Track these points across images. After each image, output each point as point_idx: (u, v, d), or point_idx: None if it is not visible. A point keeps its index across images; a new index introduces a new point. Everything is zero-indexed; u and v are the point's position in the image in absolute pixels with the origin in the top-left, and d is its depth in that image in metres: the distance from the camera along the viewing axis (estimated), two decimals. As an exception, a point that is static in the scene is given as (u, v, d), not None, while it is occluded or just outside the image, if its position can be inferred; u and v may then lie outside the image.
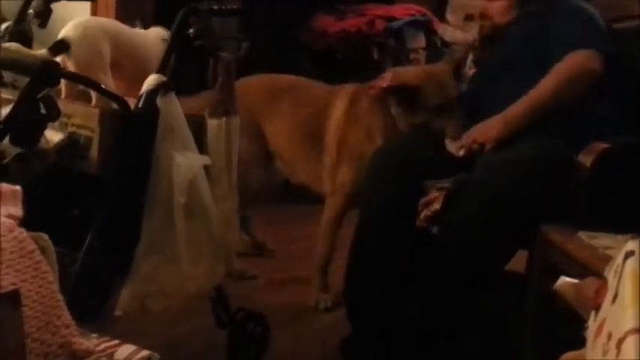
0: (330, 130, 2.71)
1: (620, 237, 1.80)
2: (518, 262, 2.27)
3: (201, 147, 2.07)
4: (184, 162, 1.97)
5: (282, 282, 3.02)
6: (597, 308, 1.25)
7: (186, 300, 2.06)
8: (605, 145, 2.11)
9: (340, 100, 2.73)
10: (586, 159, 2.08)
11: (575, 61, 2.27)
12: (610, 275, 1.23)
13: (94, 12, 3.21)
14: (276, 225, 3.48)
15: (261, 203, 3.08)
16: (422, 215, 2.18)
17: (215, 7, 2.11)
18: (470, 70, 4.75)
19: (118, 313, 1.91)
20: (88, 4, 3.09)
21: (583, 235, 1.90)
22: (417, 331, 2.23)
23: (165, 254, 1.95)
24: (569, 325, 1.36)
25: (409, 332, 2.24)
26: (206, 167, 2.04)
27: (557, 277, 1.43)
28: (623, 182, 2.12)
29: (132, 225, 1.90)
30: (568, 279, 1.41)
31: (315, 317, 2.72)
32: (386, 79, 2.54)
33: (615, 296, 1.18)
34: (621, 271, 1.18)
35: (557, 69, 2.27)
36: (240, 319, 2.27)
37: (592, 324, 1.25)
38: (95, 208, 1.86)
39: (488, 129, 2.28)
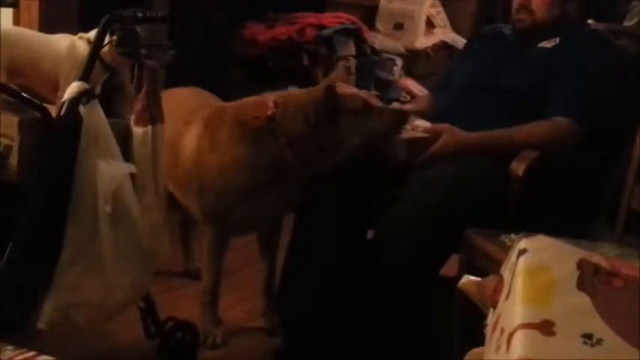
0: (187, 159, 2.44)
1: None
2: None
3: (127, 155, 2.04)
4: (109, 170, 1.95)
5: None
6: (495, 305, 1.27)
7: (112, 311, 2.03)
8: (536, 154, 2.16)
9: (195, 126, 2.45)
10: (518, 167, 2.14)
11: (553, 133, 2.26)
12: (506, 273, 1.26)
13: (17, 22, 3.14)
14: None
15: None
16: None
17: (140, 15, 2.09)
18: (402, 80, 4.83)
19: (40, 326, 1.86)
20: (10, 14, 3.03)
21: (505, 238, 1.95)
22: (354, 339, 2.24)
23: (90, 264, 1.92)
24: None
25: (345, 341, 2.24)
26: (132, 176, 2.02)
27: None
28: (551, 188, 2.19)
29: (55, 235, 1.86)
30: (472, 277, 1.43)
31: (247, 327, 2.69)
32: (270, 106, 2.33)
33: (509, 293, 1.21)
34: (514, 268, 1.21)
35: (534, 130, 2.25)
36: (170, 328, 2.24)
37: (490, 320, 1.27)
38: (15, 218, 1.81)
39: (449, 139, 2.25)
